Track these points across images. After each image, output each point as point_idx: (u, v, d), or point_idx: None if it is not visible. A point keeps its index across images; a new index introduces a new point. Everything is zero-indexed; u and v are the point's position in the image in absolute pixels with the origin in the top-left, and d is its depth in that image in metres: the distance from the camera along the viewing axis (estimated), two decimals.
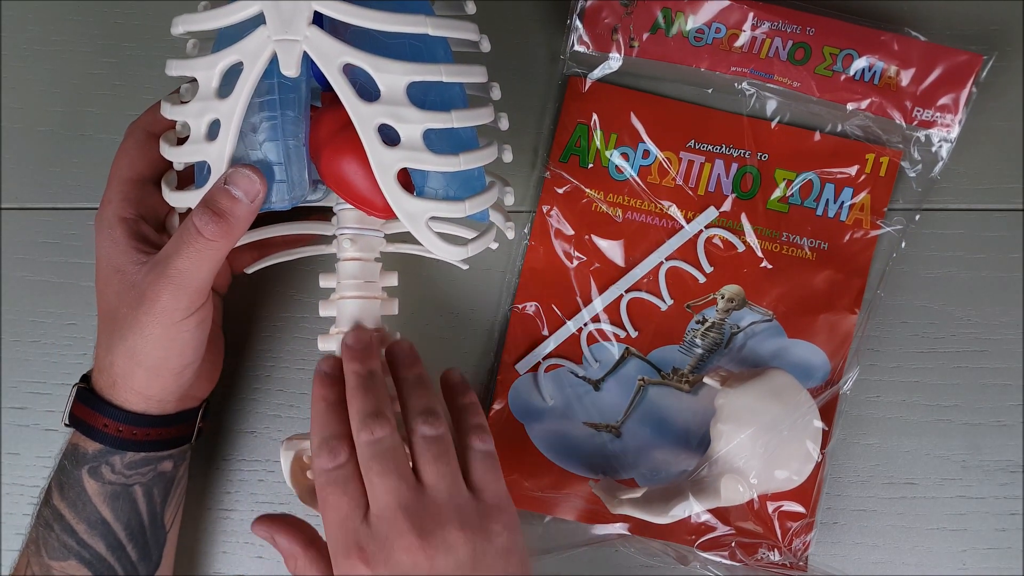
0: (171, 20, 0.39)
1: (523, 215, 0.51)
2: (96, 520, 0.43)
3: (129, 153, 0.44)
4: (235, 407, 0.52)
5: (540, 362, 0.50)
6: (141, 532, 0.44)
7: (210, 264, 0.40)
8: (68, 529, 0.43)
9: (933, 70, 0.48)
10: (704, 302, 0.50)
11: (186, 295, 0.40)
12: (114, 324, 0.42)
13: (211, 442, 0.51)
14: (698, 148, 0.51)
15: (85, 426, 0.43)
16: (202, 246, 0.39)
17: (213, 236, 0.39)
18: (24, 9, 0.53)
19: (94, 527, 0.43)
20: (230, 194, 0.38)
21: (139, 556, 0.44)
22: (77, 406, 0.44)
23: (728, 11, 0.49)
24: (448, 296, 0.52)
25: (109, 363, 0.42)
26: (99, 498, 0.43)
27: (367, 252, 0.45)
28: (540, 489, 0.50)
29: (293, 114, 0.40)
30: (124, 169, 0.44)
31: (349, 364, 0.41)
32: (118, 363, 0.42)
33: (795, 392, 0.47)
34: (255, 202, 0.39)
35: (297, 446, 0.45)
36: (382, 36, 0.38)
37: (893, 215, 0.50)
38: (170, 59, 0.40)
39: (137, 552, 0.44)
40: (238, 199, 0.38)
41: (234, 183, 0.38)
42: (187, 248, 0.39)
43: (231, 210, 0.39)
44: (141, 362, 0.41)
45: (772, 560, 0.49)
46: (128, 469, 0.43)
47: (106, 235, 0.43)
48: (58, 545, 0.43)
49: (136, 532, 0.44)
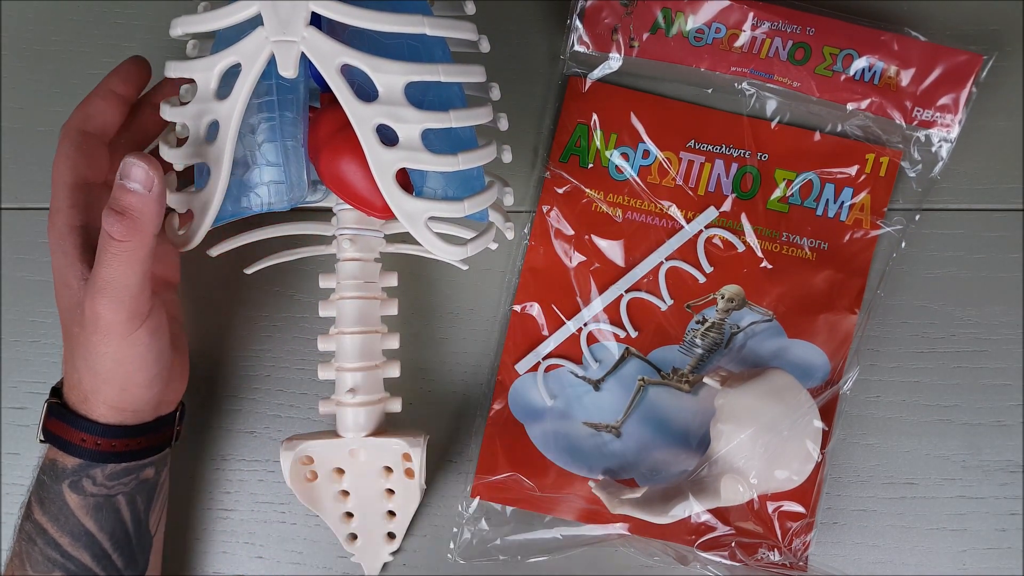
0: (171, 20, 0.39)
1: (523, 215, 0.51)
2: (80, 532, 0.42)
3: (69, 157, 0.42)
4: (235, 407, 0.52)
5: (540, 362, 0.50)
6: (126, 540, 0.44)
7: (134, 267, 0.38)
8: (51, 543, 0.42)
9: (933, 70, 0.48)
10: (704, 302, 0.50)
11: (123, 307, 0.38)
12: (72, 342, 0.41)
13: (211, 442, 0.51)
14: (698, 148, 0.50)
15: (61, 441, 0.42)
16: (117, 249, 0.37)
17: (122, 236, 0.37)
18: (24, 9, 0.53)
19: (78, 539, 0.42)
20: (125, 188, 0.37)
21: (125, 563, 0.44)
22: (51, 421, 0.42)
23: (728, 11, 0.49)
24: (448, 296, 0.52)
25: (77, 380, 0.41)
26: (81, 511, 0.42)
27: (367, 252, 0.45)
28: (540, 489, 0.50)
29: (291, 115, 0.40)
30: (66, 174, 0.42)
31: None
32: (85, 380, 0.41)
33: (795, 392, 0.46)
34: (153, 190, 0.37)
35: (297, 446, 0.45)
36: (380, 36, 0.38)
37: (893, 215, 0.50)
38: (169, 60, 0.40)
39: (123, 559, 0.44)
40: (134, 191, 0.37)
41: (126, 176, 0.37)
42: (105, 256, 0.38)
43: (132, 204, 0.37)
44: (106, 379, 0.41)
45: (772, 560, 0.49)
46: (109, 480, 0.43)
47: (58, 246, 0.41)
48: (42, 559, 0.42)
49: (121, 540, 0.44)
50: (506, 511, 0.50)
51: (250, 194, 0.41)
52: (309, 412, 0.52)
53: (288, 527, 0.51)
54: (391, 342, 0.47)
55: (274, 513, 0.51)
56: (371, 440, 0.45)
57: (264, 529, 0.51)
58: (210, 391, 0.51)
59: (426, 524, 0.51)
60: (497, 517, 0.50)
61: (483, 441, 0.50)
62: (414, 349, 0.51)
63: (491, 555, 0.50)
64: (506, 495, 0.50)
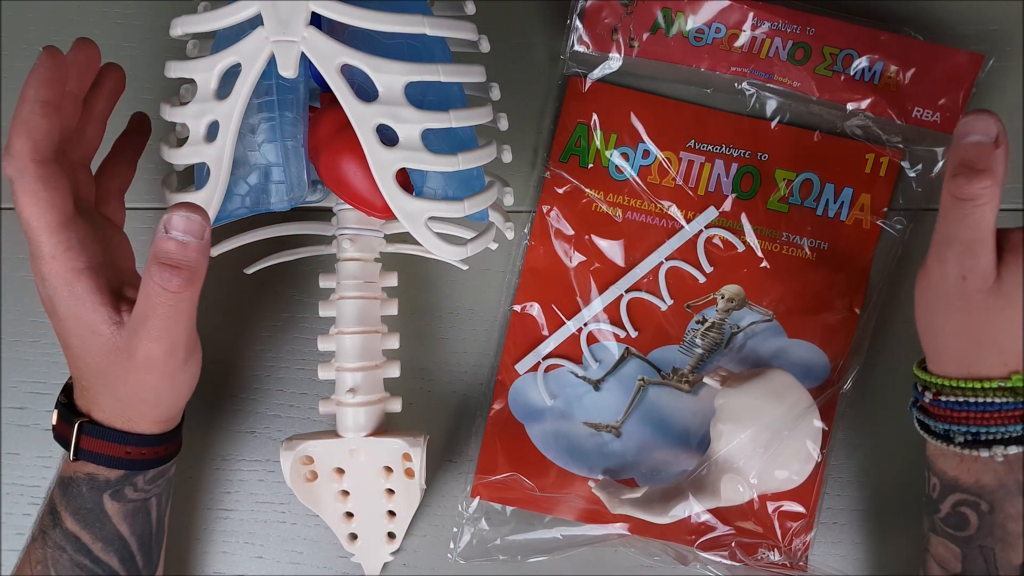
0: (171, 20, 0.39)
1: (523, 215, 0.51)
2: (113, 537, 0.43)
3: (38, 196, 0.38)
4: (235, 407, 0.52)
5: (540, 362, 0.50)
6: (149, 540, 0.44)
7: (188, 312, 0.39)
8: (83, 550, 0.42)
9: (933, 70, 0.48)
10: (704, 302, 0.50)
11: (180, 349, 0.40)
12: (106, 380, 0.41)
13: (211, 442, 0.51)
14: (698, 148, 0.50)
15: (103, 458, 0.42)
16: (174, 301, 0.37)
17: (180, 288, 0.37)
18: (24, 9, 0.53)
19: (110, 544, 0.43)
20: (177, 241, 0.36)
21: (145, 562, 0.45)
22: (86, 440, 0.42)
23: (728, 11, 0.49)
24: (448, 296, 0.52)
25: (119, 409, 0.42)
26: (119, 516, 0.43)
27: (367, 252, 0.45)
28: (540, 489, 0.50)
29: (291, 115, 0.40)
30: (45, 216, 0.38)
31: None
32: (129, 408, 0.42)
33: (795, 392, 0.46)
34: (204, 238, 0.37)
35: (297, 446, 0.45)
36: (380, 36, 0.38)
37: (893, 215, 0.50)
38: (169, 60, 0.40)
39: (144, 558, 0.44)
40: (186, 243, 0.36)
41: (174, 228, 0.36)
42: (160, 308, 0.37)
43: (185, 256, 0.37)
44: (156, 404, 0.42)
45: (772, 560, 0.49)
46: (148, 484, 0.43)
47: (65, 292, 0.39)
48: (70, 565, 0.42)
49: (146, 541, 0.44)
50: (506, 511, 0.50)
51: (250, 194, 0.41)
52: (309, 412, 0.52)
53: (288, 527, 0.51)
54: (391, 342, 0.47)
55: (274, 513, 0.51)
56: (371, 440, 0.45)
57: (264, 529, 0.51)
58: (210, 391, 0.51)
59: (426, 524, 0.51)
60: (497, 517, 0.50)
61: (483, 441, 0.50)
62: (414, 349, 0.51)
63: (491, 555, 0.50)
64: (506, 495, 0.50)
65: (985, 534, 0.41)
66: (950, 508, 0.42)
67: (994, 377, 0.41)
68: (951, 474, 0.42)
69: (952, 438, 0.41)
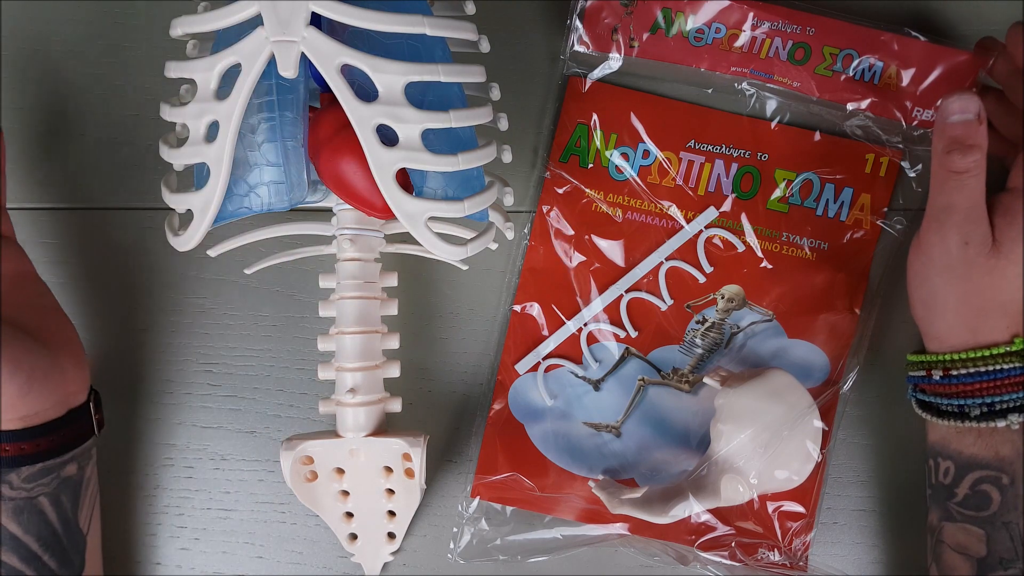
0: (171, 20, 0.39)
1: (523, 215, 0.51)
2: (5, 536, 0.41)
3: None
4: (235, 407, 0.52)
5: (540, 362, 0.50)
6: (55, 540, 0.43)
7: None
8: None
9: (933, 70, 0.48)
10: (704, 302, 0.50)
11: None
12: None
13: (211, 442, 0.51)
14: (698, 148, 0.50)
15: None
16: None
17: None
18: (24, 9, 0.53)
19: (3, 543, 0.41)
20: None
21: (58, 563, 0.43)
22: None
23: (728, 11, 0.49)
24: (448, 296, 0.52)
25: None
26: (3, 515, 0.41)
27: (367, 252, 0.45)
28: (540, 489, 0.50)
29: (291, 115, 0.40)
30: None
31: None
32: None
33: (795, 392, 0.46)
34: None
35: (297, 446, 0.45)
36: (380, 36, 0.38)
37: (893, 215, 0.50)
38: (169, 61, 0.40)
39: (55, 560, 0.43)
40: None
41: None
42: None
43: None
44: None
45: (772, 560, 0.49)
46: (27, 483, 0.42)
47: None
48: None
49: (50, 541, 0.43)
50: (506, 511, 0.50)
51: (250, 194, 0.41)
52: (309, 412, 0.52)
53: (288, 527, 0.51)
54: (391, 342, 0.47)
55: (274, 513, 0.51)
56: (371, 440, 0.45)
57: (264, 529, 0.51)
58: (210, 391, 0.51)
59: (426, 524, 0.51)
60: (497, 517, 0.50)
61: (483, 441, 0.50)
62: (414, 349, 0.51)
63: (491, 555, 0.50)
64: (506, 495, 0.50)
65: (1009, 508, 0.41)
66: (969, 489, 0.42)
67: (999, 342, 0.41)
68: (968, 452, 0.42)
69: (968, 412, 0.41)
